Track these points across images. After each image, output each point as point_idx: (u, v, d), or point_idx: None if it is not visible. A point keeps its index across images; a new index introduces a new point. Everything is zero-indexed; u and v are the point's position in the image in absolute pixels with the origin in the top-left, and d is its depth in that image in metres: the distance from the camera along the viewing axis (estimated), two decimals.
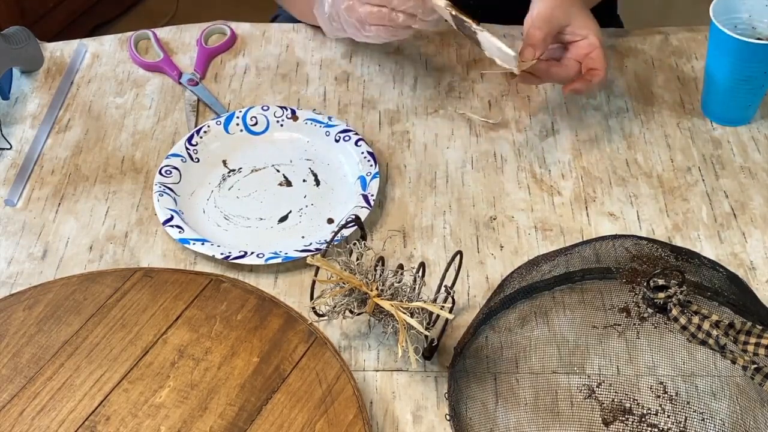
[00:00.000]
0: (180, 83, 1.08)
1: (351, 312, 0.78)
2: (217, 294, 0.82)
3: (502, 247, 0.90)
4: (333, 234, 0.82)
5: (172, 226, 0.89)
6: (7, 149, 1.01)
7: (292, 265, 0.88)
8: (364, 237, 0.85)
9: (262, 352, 0.77)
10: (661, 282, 0.67)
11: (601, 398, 0.76)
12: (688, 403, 0.75)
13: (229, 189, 0.95)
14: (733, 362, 0.65)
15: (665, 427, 0.74)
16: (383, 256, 0.79)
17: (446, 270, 0.76)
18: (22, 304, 0.82)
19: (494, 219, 0.92)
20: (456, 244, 0.90)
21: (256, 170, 0.97)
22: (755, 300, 0.77)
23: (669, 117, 1.03)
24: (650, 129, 1.02)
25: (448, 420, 0.75)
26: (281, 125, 1.01)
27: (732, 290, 0.78)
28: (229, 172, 0.97)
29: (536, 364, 0.79)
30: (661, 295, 0.67)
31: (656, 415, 0.75)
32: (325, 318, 0.78)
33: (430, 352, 0.80)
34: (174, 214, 0.90)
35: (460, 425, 0.73)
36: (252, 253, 0.86)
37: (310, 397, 0.74)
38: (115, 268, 0.87)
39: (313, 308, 0.80)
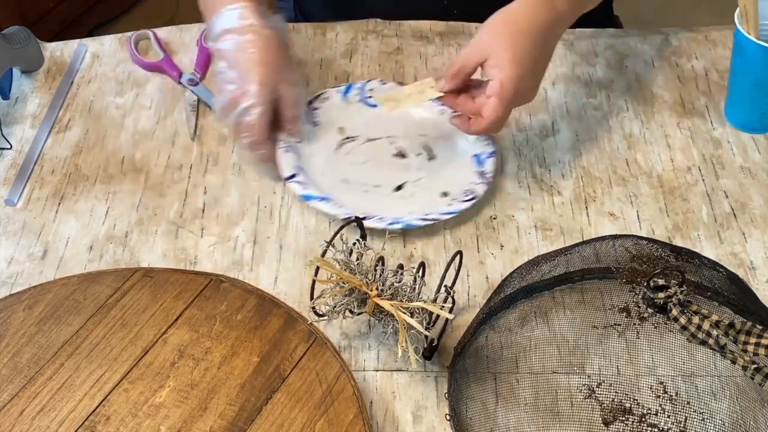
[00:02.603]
0: (180, 83, 1.08)
1: (351, 312, 0.78)
2: (217, 294, 0.82)
3: (502, 247, 0.90)
4: (333, 234, 0.82)
5: (295, 182, 0.92)
6: (7, 149, 1.01)
7: (291, 265, 0.88)
8: (364, 237, 0.85)
9: (262, 352, 0.77)
10: (661, 282, 0.67)
11: (601, 398, 0.76)
12: (688, 403, 0.75)
13: (346, 155, 0.98)
14: (733, 362, 0.65)
15: (665, 427, 0.74)
16: (383, 256, 0.79)
17: (446, 270, 0.76)
18: (22, 304, 0.82)
19: (494, 219, 0.92)
20: (456, 244, 0.90)
21: (371, 140, 0.99)
22: (755, 300, 0.77)
23: (669, 117, 1.03)
24: (650, 129, 1.02)
25: (448, 420, 0.75)
26: None
27: (732, 290, 0.78)
28: (344, 139, 0.99)
29: (536, 364, 0.79)
30: (661, 295, 0.67)
31: (656, 415, 0.75)
32: (325, 318, 0.78)
33: (430, 352, 0.80)
34: (297, 171, 0.93)
35: (460, 425, 0.73)
36: (374, 216, 0.89)
37: (310, 397, 0.74)
38: (115, 268, 0.87)
39: (313, 308, 0.80)
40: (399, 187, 0.94)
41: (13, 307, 0.82)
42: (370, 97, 1.03)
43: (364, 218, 0.87)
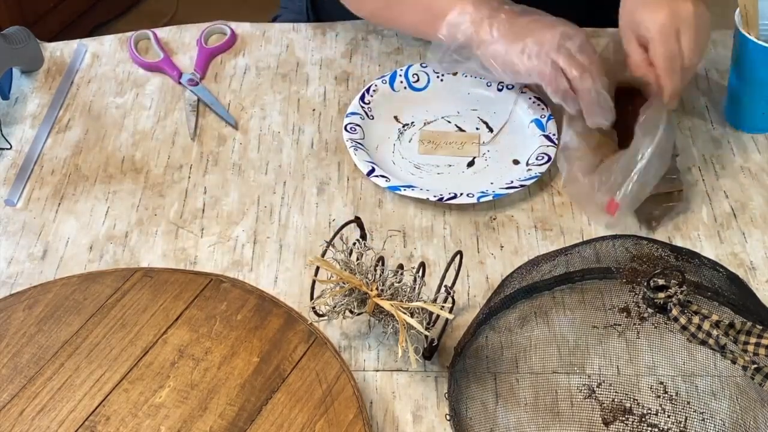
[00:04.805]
0: (180, 83, 1.08)
1: (351, 312, 0.78)
2: (217, 294, 0.82)
3: (502, 247, 0.90)
4: (333, 234, 0.82)
5: (377, 176, 0.93)
6: (7, 149, 1.01)
7: (291, 265, 0.88)
8: (364, 237, 0.85)
9: (262, 352, 0.77)
10: (661, 282, 0.67)
11: (601, 398, 0.76)
12: (688, 403, 0.75)
13: (409, 141, 1.00)
14: (733, 362, 0.65)
15: (665, 427, 0.74)
16: (383, 256, 0.79)
17: (446, 270, 0.76)
18: (22, 304, 0.82)
19: (494, 219, 0.92)
20: (456, 244, 0.90)
21: (428, 122, 1.02)
22: (755, 300, 0.77)
23: None
24: None
25: (448, 420, 0.75)
26: (441, 80, 1.05)
27: (732, 290, 0.78)
28: (403, 126, 1.02)
29: (536, 364, 0.79)
30: (661, 295, 0.67)
31: (656, 415, 0.75)
32: (325, 318, 0.78)
33: (430, 352, 0.80)
34: (374, 166, 0.94)
35: (460, 425, 0.73)
36: (462, 194, 0.91)
37: (310, 397, 0.74)
38: (115, 268, 0.87)
39: (313, 308, 0.80)
40: (470, 163, 0.97)
41: (13, 307, 0.82)
42: (416, 81, 1.05)
43: (452, 197, 0.90)
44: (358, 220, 0.84)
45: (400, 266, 0.80)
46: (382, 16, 1.07)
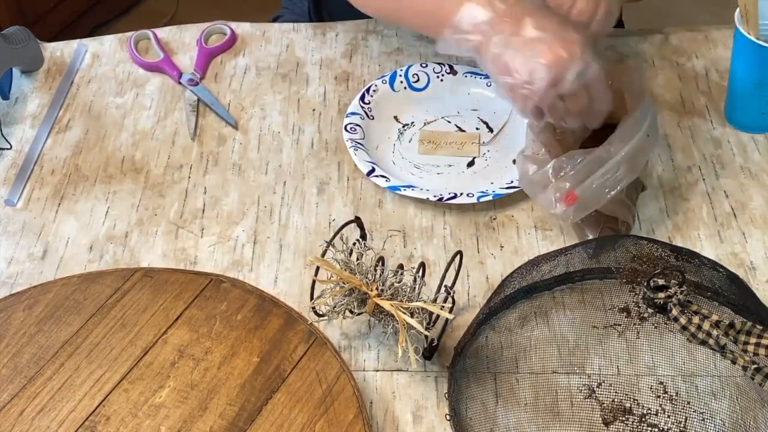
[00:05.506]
0: (180, 83, 1.08)
1: (351, 312, 0.78)
2: (217, 294, 0.82)
3: (502, 247, 0.90)
4: (333, 234, 0.83)
5: (377, 176, 0.93)
6: (7, 149, 1.01)
7: (291, 265, 0.88)
8: (364, 237, 0.85)
9: (262, 352, 0.77)
10: (661, 282, 0.67)
11: (601, 398, 0.76)
12: (688, 403, 0.75)
13: (409, 141, 1.00)
14: (733, 362, 0.65)
15: (665, 427, 0.74)
16: (383, 256, 0.79)
17: (446, 270, 0.76)
18: (22, 304, 0.82)
19: (494, 219, 0.92)
20: (456, 244, 0.90)
21: (428, 122, 1.02)
22: (755, 300, 0.77)
23: (669, 117, 1.03)
24: None
25: (448, 420, 0.75)
26: (441, 80, 1.05)
27: (732, 290, 0.78)
28: (403, 126, 1.02)
29: (536, 364, 0.79)
30: (661, 295, 0.67)
31: (656, 415, 0.75)
32: (325, 318, 0.78)
33: (430, 352, 0.80)
34: (374, 166, 0.94)
35: (460, 425, 0.73)
36: (462, 193, 0.91)
37: (310, 397, 0.74)
38: (115, 268, 0.87)
39: (313, 308, 0.80)
40: (470, 163, 0.97)
41: (13, 307, 0.82)
42: (416, 81, 1.05)
43: (452, 197, 0.90)
44: (358, 220, 0.84)
45: (400, 266, 0.80)
46: (386, 12, 1.02)
